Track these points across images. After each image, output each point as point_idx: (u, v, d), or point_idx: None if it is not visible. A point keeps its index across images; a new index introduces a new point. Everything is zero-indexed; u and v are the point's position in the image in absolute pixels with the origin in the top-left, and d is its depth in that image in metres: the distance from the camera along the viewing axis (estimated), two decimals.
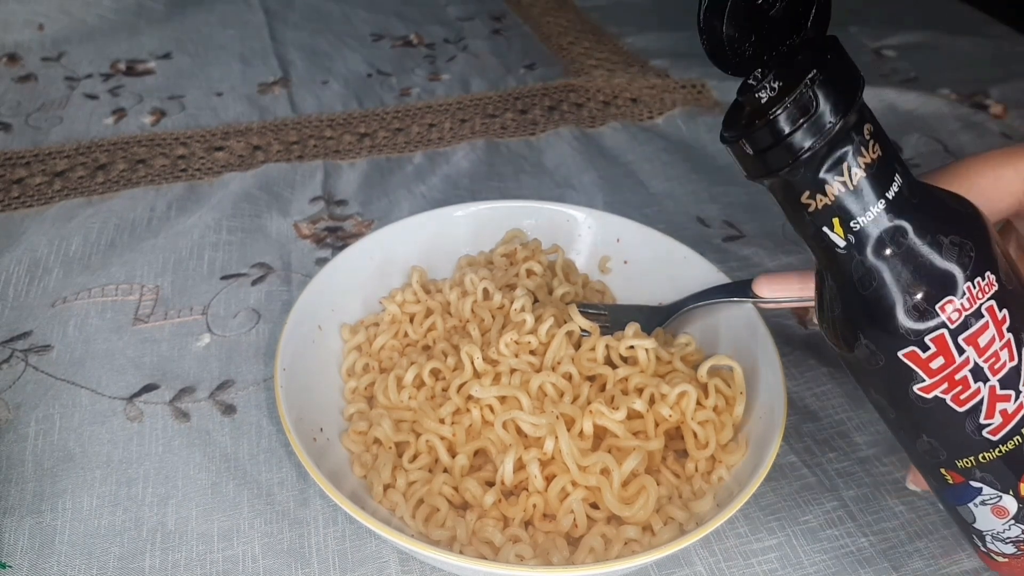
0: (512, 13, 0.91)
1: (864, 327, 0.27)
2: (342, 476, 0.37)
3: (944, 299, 0.26)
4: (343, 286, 0.45)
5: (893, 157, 0.26)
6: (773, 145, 0.25)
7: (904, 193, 0.26)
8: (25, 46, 0.80)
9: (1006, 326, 0.27)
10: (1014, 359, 0.27)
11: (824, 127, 0.25)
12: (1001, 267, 0.27)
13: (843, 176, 0.25)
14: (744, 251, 0.56)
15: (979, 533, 0.31)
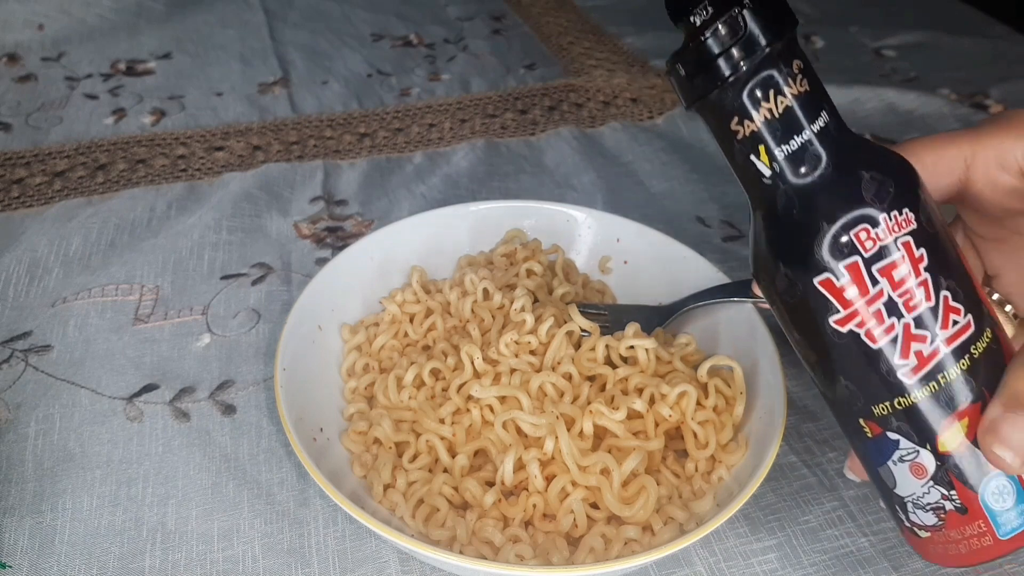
0: (512, 13, 0.91)
1: (784, 255, 0.28)
2: (342, 476, 0.37)
3: (859, 227, 0.27)
4: (343, 286, 0.45)
5: (822, 97, 0.27)
6: (702, 68, 0.27)
7: (830, 130, 0.27)
8: (25, 46, 0.80)
9: (923, 265, 0.27)
10: (930, 300, 0.27)
11: (749, 51, 0.26)
12: (924, 212, 0.28)
13: (769, 102, 0.27)
14: (744, 251, 0.56)
15: (901, 502, 0.30)
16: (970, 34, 0.86)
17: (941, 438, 0.28)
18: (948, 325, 0.27)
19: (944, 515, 0.29)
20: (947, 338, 0.27)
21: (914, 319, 0.27)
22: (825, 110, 0.27)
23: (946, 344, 0.27)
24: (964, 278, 0.28)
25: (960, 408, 0.28)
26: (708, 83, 0.27)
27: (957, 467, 0.28)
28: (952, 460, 0.28)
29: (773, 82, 0.27)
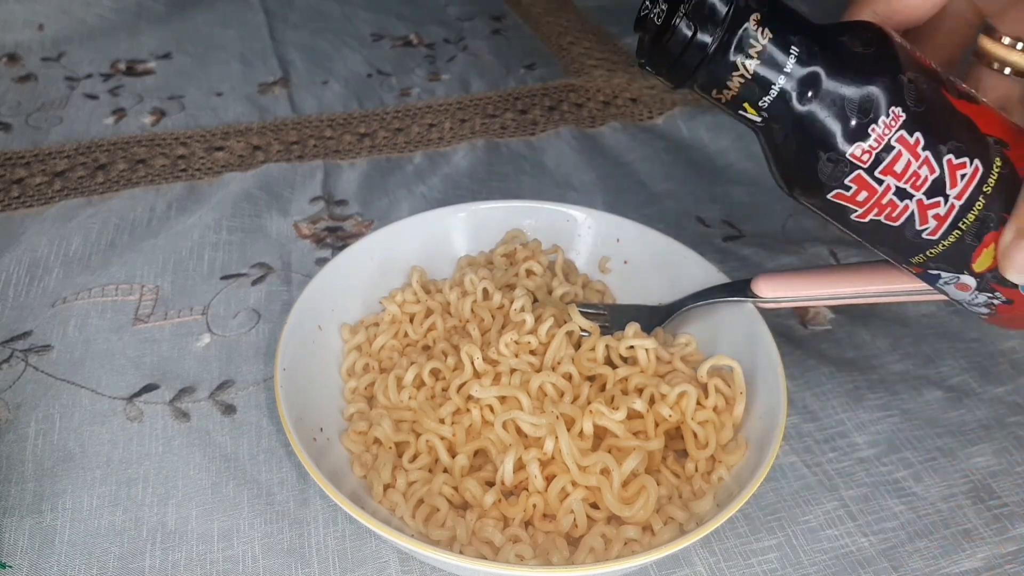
0: (512, 13, 0.91)
1: (793, 183, 0.31)
2: (342, 476, 0.37)
3: (852, 147, 0.29)
4: (343, 286, 0.45)
5: (785, 31, 0.29)
6: (670, 65, 0.30)
7: (800, 68, 0.29)
8: (25, 46, 0.80)
9: (920, 147, 0.29)
10: (935, 171, 0.29)
11: (701, 44, 0.28)
12: (909, 92, 0.29)
13: (738, 71, 0.29)
14: (744, 251, 0.56)
15: (957, 301, 0.34)
16: None
17: (974, 264, 0.32)
18: (957, 182, 0.30)
19: (995, 307, 0.34)
20: (958, 193, 0.30)
21: (924, 193, 0.30)
22: (792, 44, 0.29)
23: (958, 198, 0.30)
24: (961, 124, 0.30)
25: (985, 239, 0.31)
26: (678, 77, 0.30)
27: (995, 277, 0.32)
28: (989, 275, 0.32)
29: (735, 54, 0.29)
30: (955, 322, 0.51)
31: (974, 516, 0.40)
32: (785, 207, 0.61)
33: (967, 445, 0.43)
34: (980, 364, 0.48)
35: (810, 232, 0.58)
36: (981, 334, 0.50)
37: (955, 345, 0.49)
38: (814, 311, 0.51)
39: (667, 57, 0.29)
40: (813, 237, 0.57)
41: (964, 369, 0.47)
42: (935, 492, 0.41)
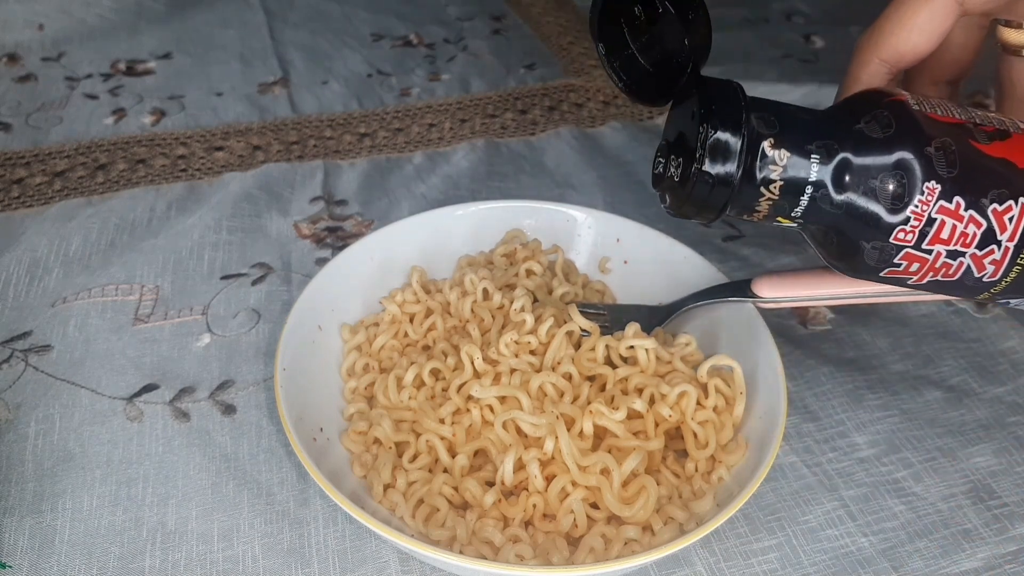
0: (512, 13, 0.90)
1: (846, 270, 0.32)
2: (342, 476, 0.37)
3: (894, 232, 0.29)
4: (343, 286, 0.45)
5: (801, 142, 0.29)
6: (698, 211, 0.30)
7: (824, 169, 0.29)
8: (25, 46, 0.80)
9: (963, 209, 0.29)
10: (982, 225, 0.29)
11: (725, 186, 0.29)
12: (939, 161, 0.29)
13: (765, 196, 0.29)
14: (744, 251, 0.56)
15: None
16: None
17: None
18: (1006, 227, 0.29)
19: None
20: (1010, 236, 0.30)
21: (976, 247, 0.30)
22: (812, 153, 0.29)
23: (1011, 240, 0.30)
24: (998, 170, 0.29)
25: None
26: (708, 216, 0.30)
27: None
28: None
29: (759, 186, 0.29)
30: (955, 322, 0.51)
31: (974, 516, 0.40)
32: None
33: (967, 445, 0.43)
34: (980, 364, 0.48)
35: None
36: (981, 334, 0.50)
37: (955, 345, 0.49)
38: (814, 311, 0.51)
39: (694, 206, 0.30)
40: None
41: (964, 369, 0.47)
42: (935, 492, 0.41)
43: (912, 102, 0.30)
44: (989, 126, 0.30)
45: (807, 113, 0.30)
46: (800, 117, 0.30)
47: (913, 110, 0.29)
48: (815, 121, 0.30)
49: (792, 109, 0.30)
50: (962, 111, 0.30)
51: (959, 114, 0.30)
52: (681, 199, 0.30)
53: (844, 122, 0.30)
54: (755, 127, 0.28)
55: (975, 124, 0.30)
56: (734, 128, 0.28)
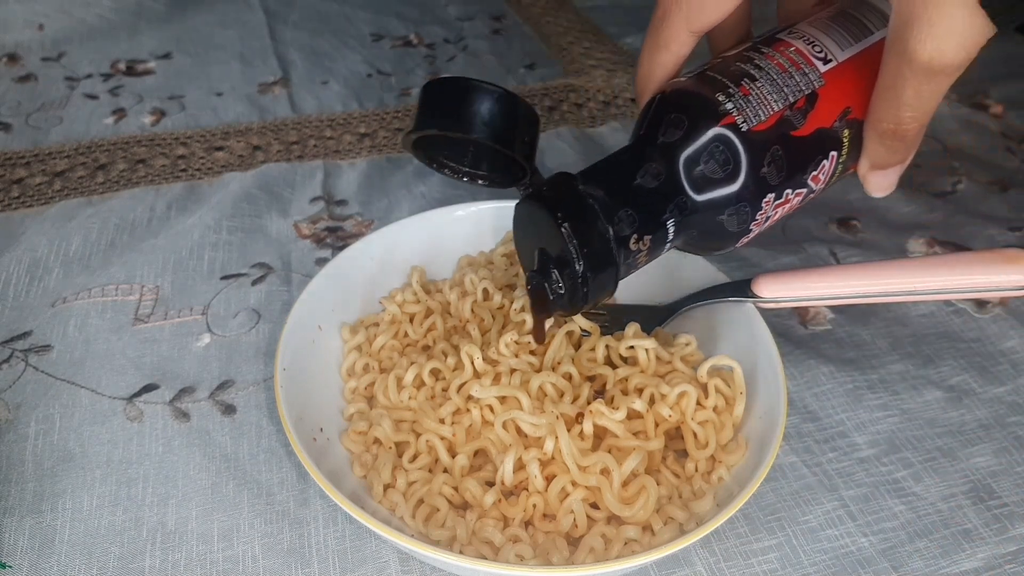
0: (512, 13, 0.91)
1: (705, 252, 0.37)
2: (342, 476, 0.37)
3: (742, 239, 0.34)
4: (343, 286, 0.45)
5: (660, 225, 0.32)
6: (598, 301, 0.33)
7: (680, 226, 0.33)
8: (25, 46, 0.80)
9: (792, 193, 0.33)
10: (804, 192, 0.34)
11: (613, 283, 0.33)
12: (771, 176, 0.32)
13: (642, 254, 0.33)
14: (744, 251, 0.56)
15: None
16: None
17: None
18: (820, 180, 0.33)
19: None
20: (824, 182, 0.34)
21: (801, 201, 0.34)
22: (669, 223, 0.32)
23: (825, 184, 0.34)
24: (815, 145, 0.32)
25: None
26: (605, 297, 0.34)
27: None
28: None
29: (634, 255, 0.32)
30: (955, 322, 0.51)
31: (974, 516, 0.40)
32: None
33: (967, 445, 0.43)
34: (980, 364, 0.48)
35: (810, 232, 0.58)
36: (981, 334, 0.50)
37: (955, 345, 0.49)
38: (814, 311, 0.51)
39: (592, 301, 0.32)
40: (813, 237, 0.57)
41: (964, 369, 0.47)
42: (935, 492, 0.41)
43: (739, 120, 0.31)
44: (800, 98, 0.31)
45: (650, 176, 0.31)
46: (646, 192, 0.31)
47: (742, 135, 0.31)
48: (662, 186, 0.31)
49: (635, 187, 0.31)
50: (777, 94, 0.31)
51: (777, 103, 0.31)
52: (578, 305, 0.32)
53: (687, 167, 0.31)
54: (618, 231, 0.31)
55: (791, 106, 0.31)
56: (602, 241, 0.30)
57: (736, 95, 0.31)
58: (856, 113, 0.32)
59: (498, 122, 0.30)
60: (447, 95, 0.30)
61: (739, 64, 0.32)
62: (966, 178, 0.64)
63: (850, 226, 0.59)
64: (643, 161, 0.31)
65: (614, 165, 0.32)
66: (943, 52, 0.26)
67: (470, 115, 0.29)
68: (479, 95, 0.29)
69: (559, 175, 0.31)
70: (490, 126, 0.29)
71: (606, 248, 0.30)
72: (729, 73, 0.32)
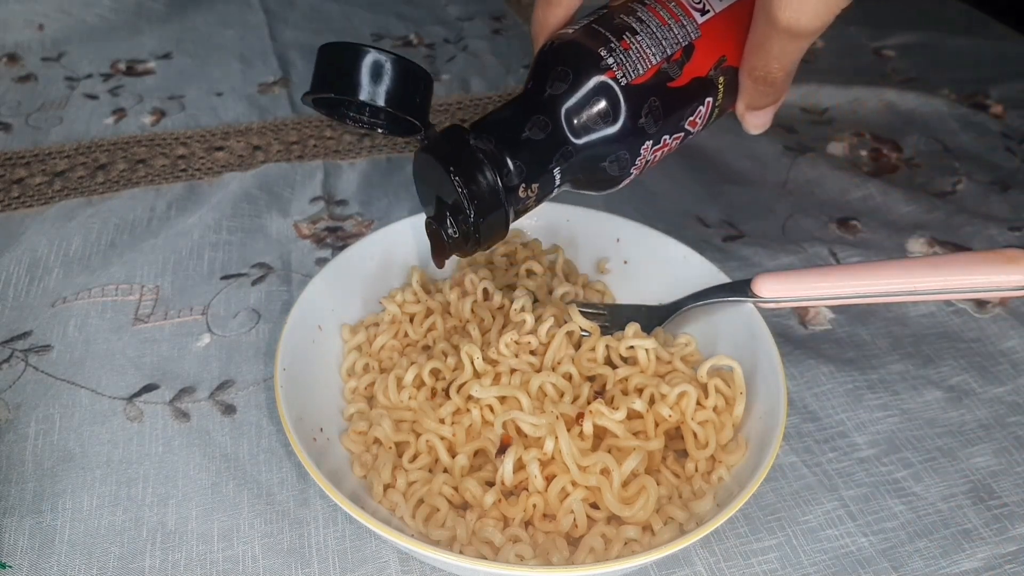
0: (512, 13, 0.90)
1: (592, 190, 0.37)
2: (342, 476, 0.37)
3: (623, 182, 0.36)
4: (343, 286, 0.45)
5: (548, 174, 0.34)
6: (490, 244, 0.35)
7: (565, 173, 0.35)
8: (25, 46, 0.80)
9: (670, 138, 0.35)
10: (683, 137, 0.36)
11: (504, 227, 0.34)
12: (649, 125, 0.34)
13: (531, 199, 0.34)
14: (744, 251, 0.56)
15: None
16: (970, 34, 0.86)
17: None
18: (697, 124, 0.36)
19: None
20: (701, 126, 0.36)
21: (680, 144, 0.37)
22: (556, 168, 0.34)
23: (703, 128, 0.36)
24: (692, 93, 0.34)
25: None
26: (496, 241, 0.35)
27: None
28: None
29: (523, 201, 0.34)
30: (955, 322, 0.51)
31: (974, 516, 0.40)
32: (785, 207, 0.61)
33: (967, 445, 0.43)
34: (980, 364, 0.48)
35: (810, 232, 0.58)
36: (981, 334, 0.50)
37: (955, 345, 0.49)
38: (814, 311, 0.51)
39: (484, 245, 0.34)
40: (813, 237, 0.57)
41: (964, 369, 0.47)
42: (935, 492, 0.41)
43: (619, 75, 0.33)
44: (678, 50, 0.33)
45: (537, 128, 0.33)
46: (533, 143, 0.33)
47: (622, 88, 0.33)
48: (548, 137, 0.33)
49: (523, 140, 0.33)
50: (655, 48, 0.33)
51: (655, 56, 0.33)
52: (472, 247, 0.34)
53: (571, 118, 0.33)
54: (507, 182, 0.33)
55: (668, 59, 0.33)
56: (491, 191, 0.33)
57: (617, 50, 0.33)
58: (731, 61, 0.35)
59: (390, 85, 0.32)
60: (342, 59, 0.32)
61: (622, 17, 0.34)
62: (966, 178, 0.64)
63: (850, 226, 0.59)
64: (531, 113, 0.34)
65: (504, 118, 0.34)
66: (799, 20, 0.29)
67: (363, 79, 0.31)
68: (371, 60, 0.31)
69: (451, 128, 0.34)
70: (383, 89, 0.31)
71: (495, 197, 0.33)
72: (612, 27, 0.33)
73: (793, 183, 0.63)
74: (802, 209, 0.60)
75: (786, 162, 0.65)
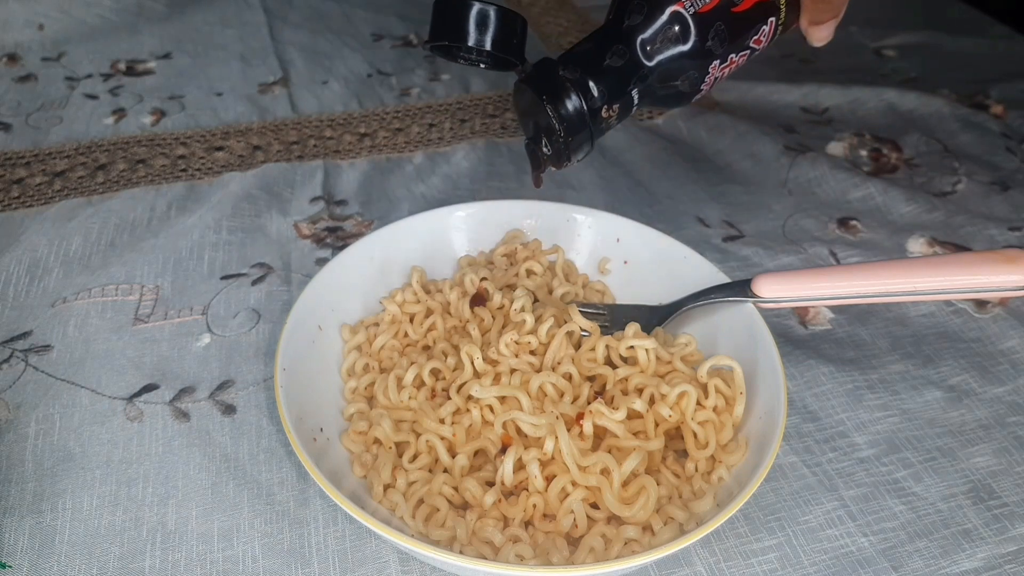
0: None
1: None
2: (342, 476, 0.37)
3: (695, 97, 0.40)
4: (343, 286, 0.45)
5: (626, 95, 0.38)
6: (577, 157, 0.40)
7: (642, 93, 0.39)
8: (25, 46, 0.80)
9: (736, 55, 0.39)
10: (748, 54, 0.40)
11: (588, 145, 0.39)
12: (716, 46, 0.38)
13: (612, 118, 0.39)
14: (744, 251, 0.56)
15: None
16: (970, 34, 0.86)
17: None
18: (761, 42, 0.40)
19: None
20: (766, 44, 0.40)
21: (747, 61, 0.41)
22: (634, 90, 0.38)
23: (768, 45, 0.41)
24: (755, 16, 0.38)
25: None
26: (583, 155, 0.40)
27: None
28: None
29: (604, 122, 0.39)
30: (955, 322, 0.51)
31: (974, 516, 0.40)
32: (785, 207, 0.61)
33: (967, 445, 0.43)
34: (980, 364, 0.48)
35: (810, 232, 0.58)
36: (981, 334, 0.50)
37: (955, 345, 0.49)
38: (814, 311, 0.51)
39: (572, 158, 0.39)
40: (813, 237, 0.57)
41: (964, 369, 0.47)
42: (935, 492, 0.41)
43: (687, 5, 0.37)
44: None
45: (616, 56, 0.38)
46: (613, 70, 0.38)
47: (691, 16, 0.37)
48: (626, 63, 0.38)
49: (605, 67, 0.38)
50: None
51: None
52: (563, 162, 0.39)
53: (646, 45, 0.38)
54: (591, 104, 0.37)
55: None
56: (577, 113, 0.37)
57: None
58: None
59: (494, 32, 0.37)
60: (454, 11, 0.37)
61: None
62: (966, 178, 0.64)
63: (850, 226, 0.59)
64: (611, 43, 0.38)
65: (587, 49, 0.38)
66: None
67: (471, 28, 0.37)
68: (476, 11, 0.37)
69: (543, 62, 0.39)
70: (488, 36, 0.37)
71: (581, 119, 0.37)
72: None
73: (793, 183, 0.63)
74: (802, 209, 0.60)
75: (786, 162, 0.65)
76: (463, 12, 0.37)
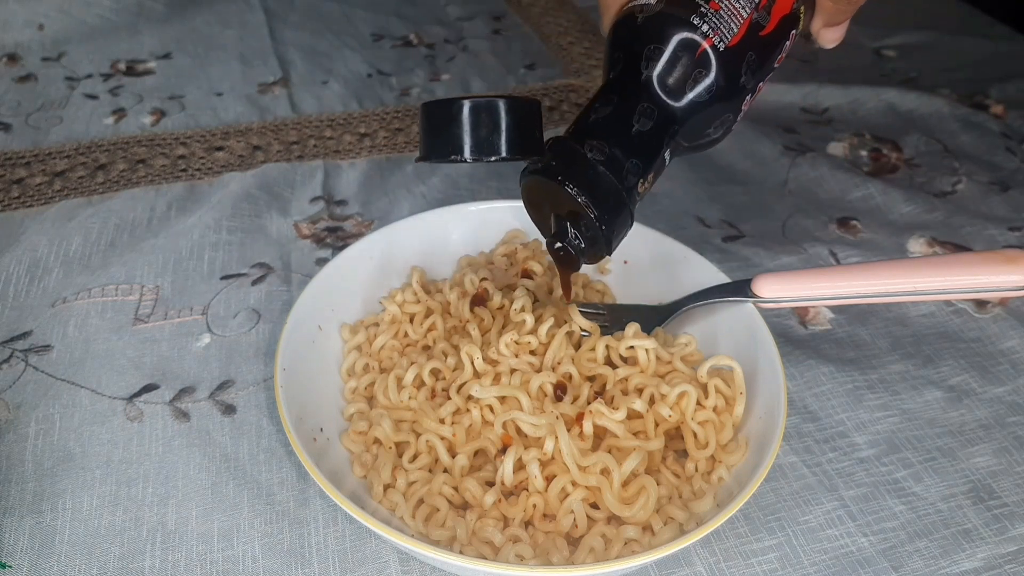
0: (512, 13, 0.90)
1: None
2: (342, 476, 0.37)
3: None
4: (343, 286, 0.45)
5: (659, 159, 0.33)
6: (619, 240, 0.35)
7: (673, 149, 0.34)
8: (25, 46, 0.80)
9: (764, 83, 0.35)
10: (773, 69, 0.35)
11: (628, 227, 0.35)
12: (746, 82, 0.33)
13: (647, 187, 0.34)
14: (744, 251, 0.56)
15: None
16: (970, 34, 0.86)
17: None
18: (782, 59, 0.35)
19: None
20: (784, 58, 0.36)
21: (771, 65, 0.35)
22: (666, 152, 0.34)
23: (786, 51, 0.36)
24: (781, 36, 0.34)
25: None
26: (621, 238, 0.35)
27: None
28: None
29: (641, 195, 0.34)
30: (955, 322, 0.51)
31: (974, 516, 0.40)
32: (785, 207, 0.61)
33: (967, 445, 0.43)
34: (980, 364, 0.48)
35: (810, 232, 0.58)
36: (981, 334, 0.50)
37: (955, 345, 0.49)
38: (814, 311, 0.51)
39: (615, 244, 0.34)
40: (813, 237, 0.57)
41: (964, 369, 0.47)
42: (935, 492, 0.41)
43: (716, 41, 0.32)
44: (764, 1, 0.33)
45: (644, 118, 0.32)
46: (644, 136, 0.32)
47: (720, 55, 0.32)
48: (656, 124, 0.32)
49: (635, 134, 0.32)
50: (754, 12, 0.33)
51: (745, 7, 0.32)
52: (602, 252, 0.34)
53: (674, 97, 0.32)
54: (628, 184, 0.32)
55: (756, 7, 0.33)
56: (616, 197, 0.32)
57: (708, 13, 0.31)
58: None
59: (513, 134, 0.30)
60: (447, 119, 0.30)
61: None
62: (966, 178, 0.64)
63: (850, 226, 0.59)
64: (633, 102, 0.32)
65: (608, 116, 0.32)
66: None
67: (479, 137, 0.30)
68: (475, 116, 0.29)
69: (559, 144, 0.32)
70: (504, 141, 0.31)
71: (619, 201, 0.32)
72: None
73: (793, 183, 0.63)
74: (802, 209, 0.60)
75: (786, 162, 0.65)
76: (464, 119, 0.30)
